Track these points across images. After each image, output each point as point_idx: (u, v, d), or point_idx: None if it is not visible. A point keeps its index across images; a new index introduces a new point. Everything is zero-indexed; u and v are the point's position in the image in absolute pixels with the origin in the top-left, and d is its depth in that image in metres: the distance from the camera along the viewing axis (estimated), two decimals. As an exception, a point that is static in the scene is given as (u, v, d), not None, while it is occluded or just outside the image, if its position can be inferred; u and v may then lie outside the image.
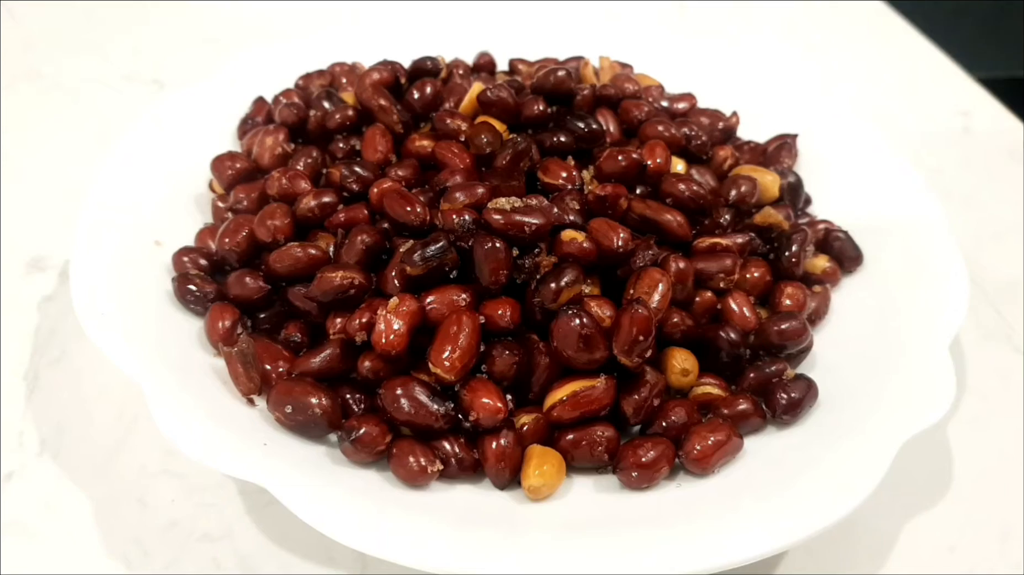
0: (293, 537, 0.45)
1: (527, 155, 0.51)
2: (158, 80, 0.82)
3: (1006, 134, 0.80)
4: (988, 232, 0.68)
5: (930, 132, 0.80)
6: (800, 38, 0.95)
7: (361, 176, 0.53)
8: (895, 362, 0.48)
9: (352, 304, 0.47)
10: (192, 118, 0.63)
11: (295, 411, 0.44)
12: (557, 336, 0.43)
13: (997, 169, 0.76)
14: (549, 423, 0.45)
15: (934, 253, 0.54)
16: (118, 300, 0.48)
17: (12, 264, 0.61)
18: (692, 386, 0.48)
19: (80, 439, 0.50)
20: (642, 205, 0.51)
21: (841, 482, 0.41)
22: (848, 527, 0.45)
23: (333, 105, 0.59)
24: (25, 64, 0.83)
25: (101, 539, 0.45)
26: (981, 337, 0.59)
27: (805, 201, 0.62)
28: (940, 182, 0.68)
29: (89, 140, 0.72)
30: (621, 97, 0.61)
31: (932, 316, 0.50)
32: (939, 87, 0.87)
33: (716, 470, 0.44)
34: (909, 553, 0.46)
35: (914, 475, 0.49)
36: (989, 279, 0.64)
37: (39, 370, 0.54)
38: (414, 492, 0.42)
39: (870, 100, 0.83)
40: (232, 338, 0.48)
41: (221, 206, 0.57)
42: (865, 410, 0.46)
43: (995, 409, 0.54)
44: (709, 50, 0.75)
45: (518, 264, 0.46)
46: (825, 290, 0.55)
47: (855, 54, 0.92)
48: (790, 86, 0.70)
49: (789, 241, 0.54)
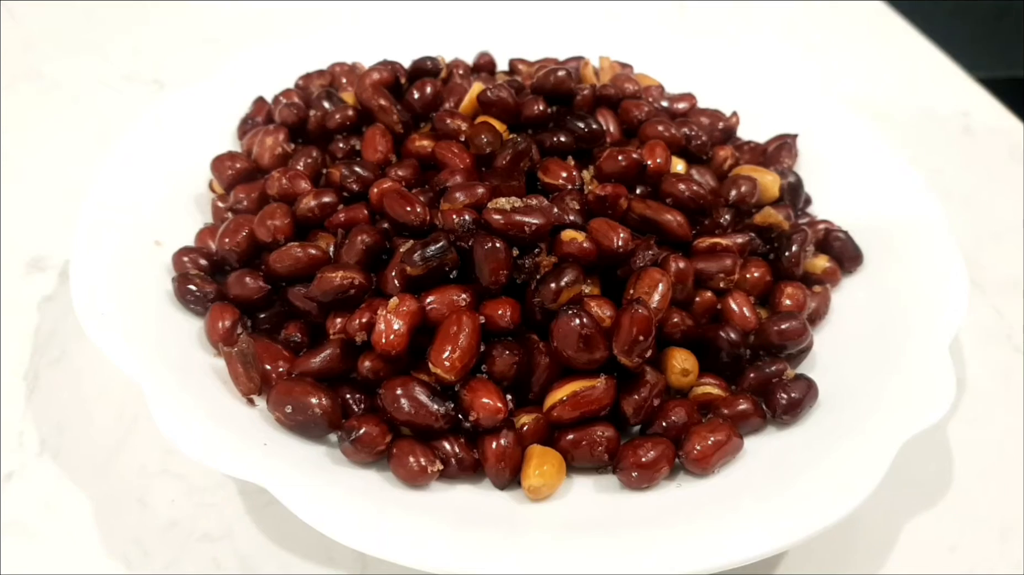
0: (293, 537, 0.45)
1: (527, 155, 0.51)
2: (158, 80, 0.82)
3: (1006, 134, 0.80)
4: (988, 232, 0.68)
5: (930, 132, 0.80)
6: (800, 38, 0.95)
7: (361, 176, 0.53)
8: (895, 362, 0.48)
9: (352, 304, 0.47)
10: (192, 118, 0.63)
11: (295, 411, 0.44)
12: (557, 336, 0.43)
13: (997, 169, 0.76)
14: (549, 423, 0.45)
15: (934, 253, 0.54)
16: (118, 300, 0.48)
17: (12, 264, 0.61)
18: (692, 386, 0.48)
19: (80, 439, 0.50)
20: (642, 205, 0.51)
21: (841, 482, 0.41)
22: (848, 527, 0.45)
23: (333, 105, 0.59)
24: (25, 64, 0.83)
25: (101, 539, 0.45)
26: (981, 337, 0.59)
27: (805, 201, 0.62)
28: (940, 182, 0.68)
29: (89, 140, 0.72)
30: (621, 97, 0.61)
31: (932, 316, 0.50)
32: (939, 87, 0.87)
33: (716, 470, 0.44)
34: (909, 553, 0.46)
35: (914, 475, 0.49)
36: (989, 279, 0.64)
37: (39, 370, 0.54)
38: (414, 492, 0.42)
39: (870, 100, 0.83)
40: (232, 338, 0.48)
41: (221, 206, 0.57)
42: (865, 410, 0.46)
43: (995, 409, 0.54)
44: (709, 50, 0.75)
45: (518, 264, 0.46)
46: (825, 290, 0.55)
47: (855, 54, 0.92)
48: (790, 86, 0.70)
49: (789, 241, 0.54)
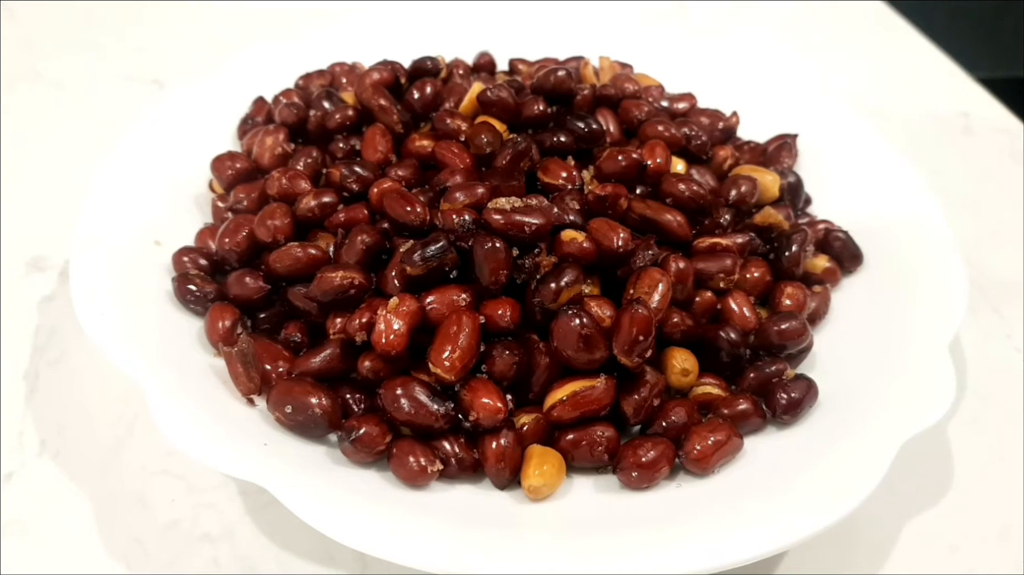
0: (293, 537, 0.45)
1: (527, 155, 0.51)
2: (158, 80, 0.82)
3: (1006, 134, 0.80)
4: (988, 232, 0.68)
5: (930, 132, 0.80)
6: (800, 38, 0.95)
7: (361, 176, 0.53)
8: (895, 362, 0.48)
9: (352, 304, 0.47)
10: (192, 118, 0.63)
11: (295, 411, 0.44)
12: (557, 336, 0.43)
13: (997, 169, 0.76)
14: (549, 423, 0.45)
15: (934, 253, 0.54)
16: (118, 300, 0.48)
17: (12, 264, 0.61)
18: (692, 386, 0.48)
19: (80, 439, 0.50)
20: (642, 205, 0.51)
21: (841, 482, 0.41)
22: (848, 527, 0.45)
23: (333, 105, 0.60)
24: (25, 64, 0.83)
25: (101, 539, 0.45)
26: (981, 337, 0.59)
27: (805, 201, 0.62)
28: (940, 182, 0.68)
29: (89, 140, 0.72)
30: (621, 97, 0.61)
31: (932, 316, 0.50)
32: (939, 87, 0.87)
33: (716, 470, 0.44)
34: (909, 553, 0.46)
35: (914, 475, 0.49)
36: (989, 279, 0.63)
37: (39, 370, 0.54)
38: (414, 492, 0.42)
39: (870, 100, 0.83)
40: (232, 338, 0.48)
41: (221, 206, 0.57)
42: (865, 410, 0.46)
43: (995, 409, 0.54)
44: (709, 50, 0.75)
45: (518, 264, 0.46)
46: (825, 290, 0.55)
47: (855, 54, 0.92)
48: (790, 86, 0.70)
49: (789, 241, 0.54)
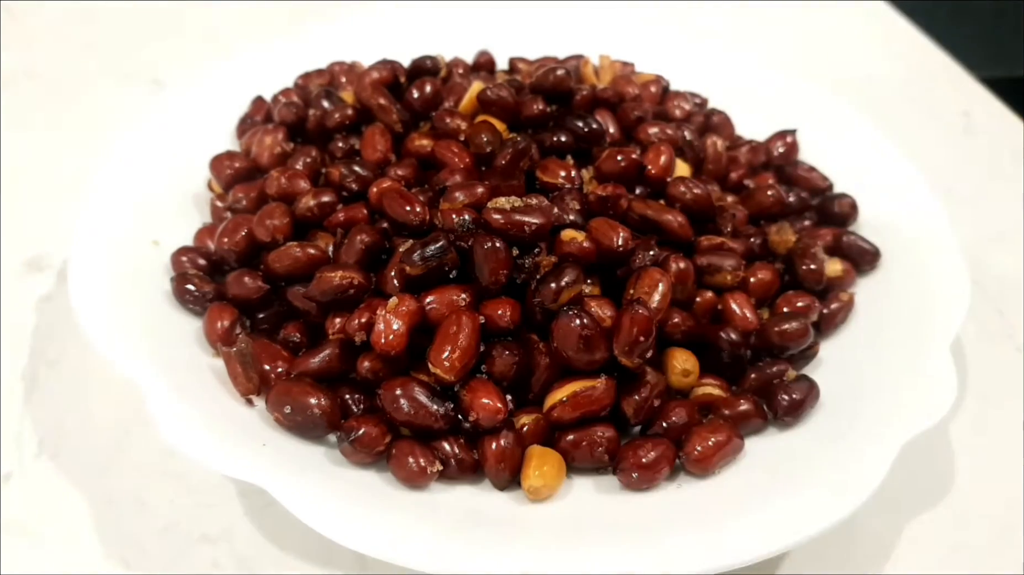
0: (292, 538, 0.45)
1: (527, 154, 0.51)
2: (158, 80, 0.82)
3: (1006, 134, 0.80)
4: (989, 232, 0.68)
5: (930, 132, 0.80)
6: (800, 37, 0.95)
7: (360, 175, 0.53)
8: (895, 362, 0.48)
9: (351, 304, 0.47)
10: (191, 117, 0.63)
11: (294, 411, 0.44)
12: (557, 336, 0.43)
13: (997, 169, 0.76)
14: (549, 423, 0.45)
15: (935, 253, 0.54)
16: (117, 300, 0.48)
17: (11, 264, 0.61)
18: (693, 387, 0.47)
19: (80, 439, 0.50)
20: (643, 205, 0.51)
21: (841, 483, 0.41)
22: (848, 527, 0.45)
23: (332, 104, 0.59)
24: (25, 64, 0.83)
25: (100, 539, 0.45)
26: (982, 337, 0.59)
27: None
28: (941, 182, 0.68)
29: (88, 140, 0.72)
30: (619, 102, 0.60)
31: (932, 316, 0.50)
32: (939, 87, 0.87)
33: (717, 471, 0.44)
34: (909, 553, 0.46)
35: (914, 475, 0.49)
36: (990, 279, 0.63)
37: (38, 370, 0.54)
38: (414, 493, 0.42)
39: (871, 100, 0.83)
40: (231, 338, 0.48)
41: (220, 206, 0.57)
42: (866, 411, 0.46)
43: (995, 409, 0.54)
44: (709, 49, 0.75)
45: (518, 264, 0.46)
46: (851, 296, 0.54)
47: (855, 54, 0.92)
48: (791, 86, 0.70)
49: (804, 257, 0.53)
